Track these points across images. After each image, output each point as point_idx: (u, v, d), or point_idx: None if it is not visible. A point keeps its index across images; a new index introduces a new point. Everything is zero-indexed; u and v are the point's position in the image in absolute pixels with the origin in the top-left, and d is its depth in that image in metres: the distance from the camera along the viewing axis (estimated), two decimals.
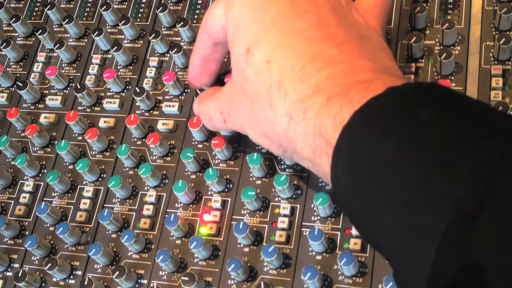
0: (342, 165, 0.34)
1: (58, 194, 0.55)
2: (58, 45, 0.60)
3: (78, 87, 0.57)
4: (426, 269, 0.28)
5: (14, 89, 0.62)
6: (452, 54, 0.50)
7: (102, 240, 0.52)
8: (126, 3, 0.64)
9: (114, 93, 0.59)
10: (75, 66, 0.62)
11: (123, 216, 0.53)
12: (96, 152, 0.56)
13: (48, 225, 0.54)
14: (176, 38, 0.60)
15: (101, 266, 0.51)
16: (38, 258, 0.53)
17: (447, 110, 0.31)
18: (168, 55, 0.59)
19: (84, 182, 0.55)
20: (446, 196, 0.28)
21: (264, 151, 0.51)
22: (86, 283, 0.48)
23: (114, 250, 0.51)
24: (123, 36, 0.62)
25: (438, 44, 0.53)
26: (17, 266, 0.53)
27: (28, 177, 0.57)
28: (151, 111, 0.57)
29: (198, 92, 0.53)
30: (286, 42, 0.39)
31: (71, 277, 0.51)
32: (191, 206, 0.52)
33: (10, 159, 0.58)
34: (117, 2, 0.64)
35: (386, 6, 0.46)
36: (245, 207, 0.50)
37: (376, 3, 0.46)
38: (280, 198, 0.50)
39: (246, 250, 0.49)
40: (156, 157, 0.55)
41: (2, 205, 0.56)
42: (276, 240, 0.48)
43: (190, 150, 0.51)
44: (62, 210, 0.54)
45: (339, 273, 0.46)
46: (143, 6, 0.63)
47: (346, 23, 0.41)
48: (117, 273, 0.48)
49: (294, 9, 0.41)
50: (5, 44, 0.62)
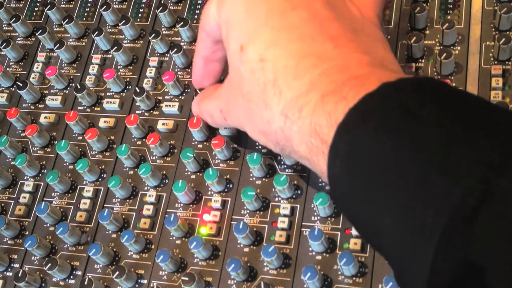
0: (340, 164, 0.33)
1: (58, 194, 0.55)
2: (58, 45, 0.60)
3: (78, 87, 0.57)
4: (426, 269, 0.28)
5: (14, 89, 0.62)
6: (452, 54, 0.50)
7: (102, 240, 0.52)
8: (126, 3, 0.64)
9: (114, 93, 0.59)
10: (75, 66, 0.62)
11: (123, 216, 0.53)
12: (96, 152, 0.56)
13: (48, 225, 0.54)
14: (176, 38, 0.60)
15: (101, 266, 0.51)
16: (38, 258, 0.53)
17: (447, 109, 0.31)
18: (168, 55, 0.59)
19: (84, 182, 0.55)
20: (446, 196, 0.28)
21: (264, 151, 0.51)
22: (86, 283, 0.48)
23: (114, 250, 0.51)
24: (123, 36, 0.62)
25: (438, 44, 0.53)
26: (17, 266, 0.53)
27: (28, 177, 0.57)
28: (151, 111, 0.57)
29: (198, 92, 0.53)
30: (278, 39, 0.39)
31: (71, 277, 0.51)
32: (191, 206, 0.52)
33: (10, 159, 0.58)
34: (117, 2, 0.64)
35: None
36: (245, 207, 0.50)
37: None
38: (280, 198, 0.50)
39: (246, 250, 0.49)
40: (156, 157, 0.55)
41: (2, 205, 0.56)
42: (276, 240, 0.48)
43: (190, 150, 0.51)
44: (62, 210, 0.54)
45: (339, 273, 0.46)
46: (143, 6, 0.63)
47: (341, 16, 0.40)
48: (117, 273, 0.48)
49: (285, 4, 0.40)
50: (5, 44, 0.62)
